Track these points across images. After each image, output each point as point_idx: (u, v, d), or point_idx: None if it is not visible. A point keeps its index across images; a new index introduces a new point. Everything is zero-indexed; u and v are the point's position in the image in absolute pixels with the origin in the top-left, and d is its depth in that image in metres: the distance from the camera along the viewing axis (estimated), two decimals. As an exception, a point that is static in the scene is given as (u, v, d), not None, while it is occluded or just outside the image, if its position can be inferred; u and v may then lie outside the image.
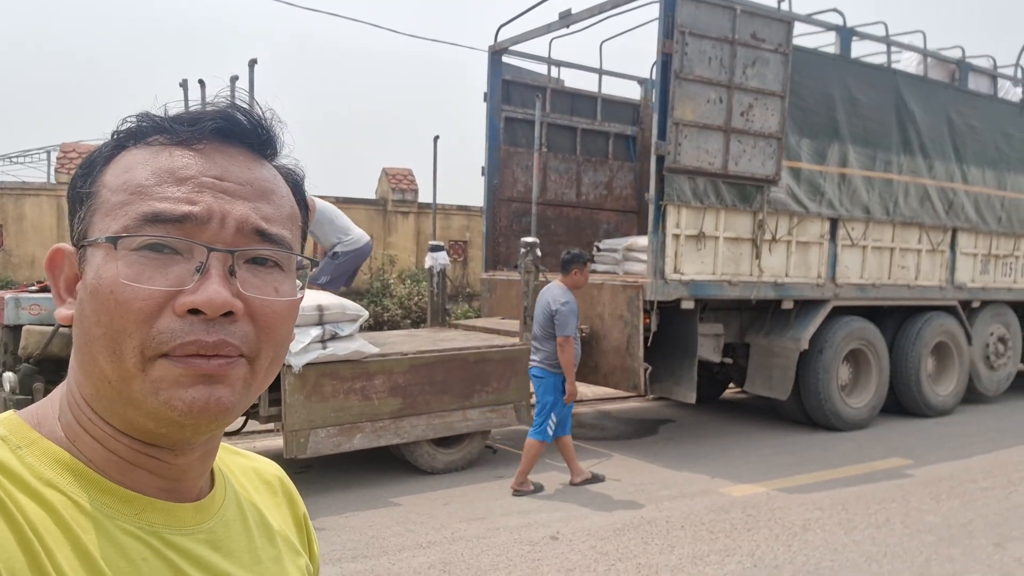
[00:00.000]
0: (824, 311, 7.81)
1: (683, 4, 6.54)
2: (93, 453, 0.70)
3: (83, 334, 0.68)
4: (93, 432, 0.70)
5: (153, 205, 0.67)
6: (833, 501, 5.57)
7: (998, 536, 4.88)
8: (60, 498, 0.66)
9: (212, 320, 0.66)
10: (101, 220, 0.69)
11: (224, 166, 0.71)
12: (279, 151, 0.77)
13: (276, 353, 0.72)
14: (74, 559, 0.63)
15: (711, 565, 4.38)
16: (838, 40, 8.00)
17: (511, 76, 9.01)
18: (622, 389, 7.26)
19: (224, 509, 0.78)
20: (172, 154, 0.70)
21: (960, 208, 8.87)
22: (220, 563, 0.74)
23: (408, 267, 12.75)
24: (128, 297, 0.65)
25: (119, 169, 0.70)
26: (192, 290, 0.66)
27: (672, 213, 6.83)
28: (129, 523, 0.68)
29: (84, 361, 0.69)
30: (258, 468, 0.91)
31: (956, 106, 8.81)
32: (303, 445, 5.45)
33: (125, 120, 0.73)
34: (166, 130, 0.71)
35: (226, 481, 0.82)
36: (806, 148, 7.58)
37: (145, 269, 0.66)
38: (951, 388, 9.00)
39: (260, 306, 0.69)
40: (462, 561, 4.41)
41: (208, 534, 0.74)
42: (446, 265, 8.26)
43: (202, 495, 0.77)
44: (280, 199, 0.74)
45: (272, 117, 0.75)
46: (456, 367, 6.16)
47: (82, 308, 0.69)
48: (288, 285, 0.73)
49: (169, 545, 0.70)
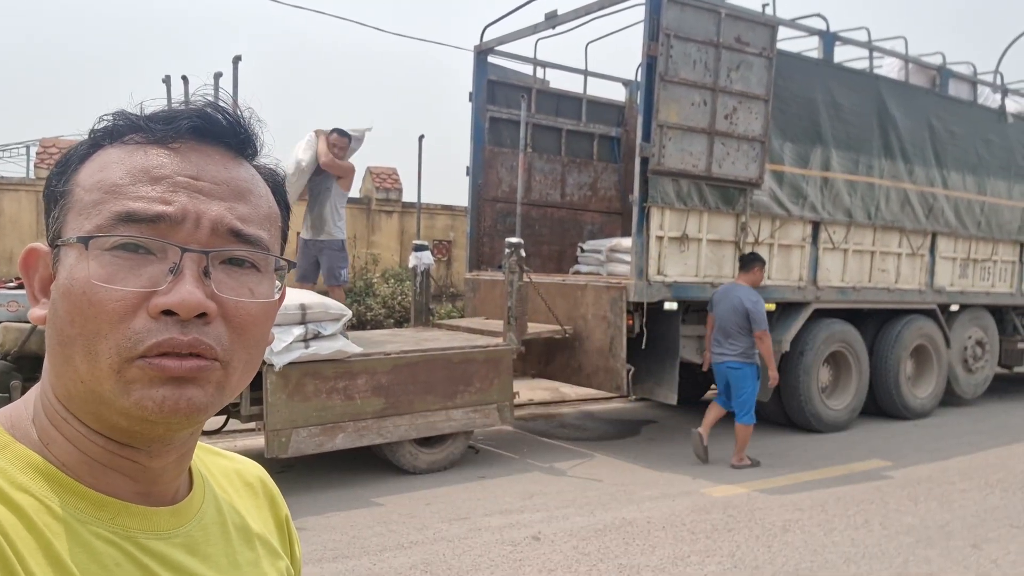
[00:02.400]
0: (805, 313, 7.86)
1: (668, 7, 6.56)
2: (67, 456, 0.69)
3: (57, 335, 0.67)
4: (67, 433, 0.69)
5: (127, 204, 0.66)
6: (813, 502, 5.61)
7: (975, 537, 4.94)
8: (32, 502, 0.65)
9: (186, 321, 0.66)
10: (75, 219, 0.68)
11: (200, 165, 0.70)
12: (259, 151, 0.76)
13: (251, 355, 0.72)
14: (46, 565, 0.62)
15: (692, 566, 4.40)
16: (821, 45, 8.06)
17: (496, 76, 9.00)
18: (605, 390, 7.28)
19: (202, 513, 0.77)
20: (147, 153, 0.69)
21: (940, 213, 8.97)
22: (197, 568, 0.73)
23: (392, 266, 12.71)
24: (101, 298, 0.64)
25: (94, 168, 0.69)
26: (165, 291, 0.65)
27: (656, 215, 6.86)
28: (103, 528, 0.68)
29: (58, 362, 0.68)
30: (240, 469, 0.90)
31: (937, 112, 8.90)
32: (285, 445, 5.42)
33: (101, 119, 0.72)
34: (142, 128, 0.70)
35: (205, 484, 0.81)
36: (789, 152, 7.63)
37: (118, 270, 0.65)
38: (930, 390, 9.09)
39: (234, 308, 0.69)
40: (443, 561, 4.40)
41: (185, 538, 0.74)
42: (430, 265, 8.25)
43: (179, 498, 0.76)
44: (257, 199, 0.73)
45: (251, 116, 0.74)
46: (439, 367, 6.15)
47: (55, 309, 0.68)
48: (265, 287, 0.72)
49: (144, 550, 0.69)
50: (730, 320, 6.45)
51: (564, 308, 7.34)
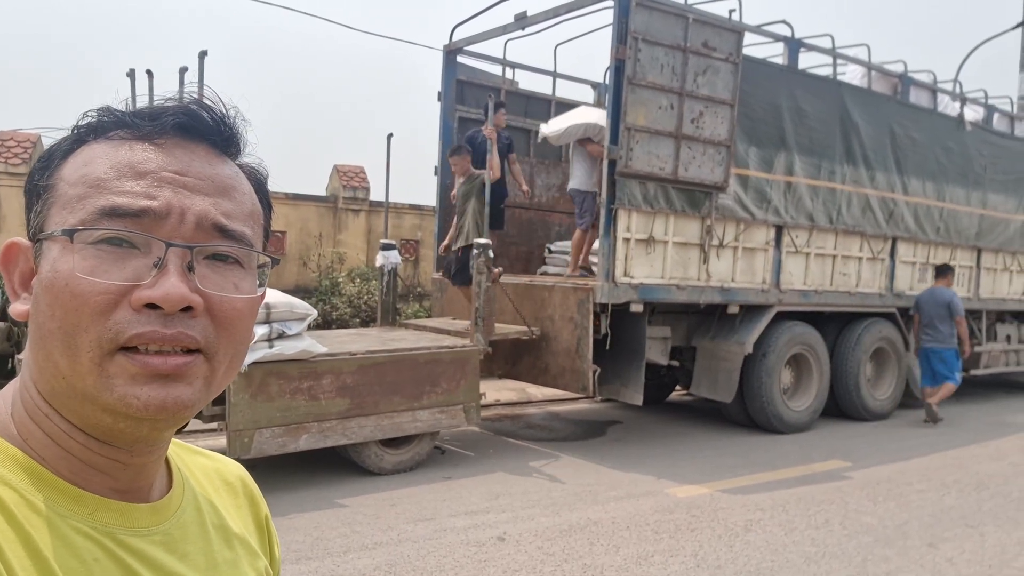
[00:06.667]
0: (768, 316, 7.97)
1: (637, 11, 6.61)
2: (46, 451, 0.69)
3: (38, 329, 0.67)
4: (47, 429, 0.69)
5: (111, 199, 0.66)
6: (774, 502, 5.69)
7: (931, 537, 5.05)
8: (12, 495, 0.65)
9: (170, 315, 0.66)
10: (58, 213, 0.68)
11: (185, 161, 0.70)
12: (242, 149, 0.77)
13: (236, 351, 0.72)
14: (25, 558, 0.62)
15: (655, 565, 4.44)
16: (786, 51, 8.18)
17: (465, 76, 9.00)
18: (571, 390, 7.31)
19: (181, 511, 0.77)
20: (132, 148, 0.69)
21: (900, 218, 9.14)
22: (175, 566, 0.73)
23: (358, 265, 12.62)
24: (84, 290, 0.64)
25: (78, 163, 0.69)
26: (149, 285, 0.65)
27: (623, 217, 6.90)
28: (82, 523, 0.67)
29: (39, 357, 0.68)
30: (220, 469, 0.90)
31: (898, 118, 9.07)
32: (247, 445, 5.36)
33: (85, 114, 0.71)
34: (127, 125, 0.70)
35: (185, 483, 0.81)
36: (754, 156, 7.73)
37: (102, 263, 0.65)
38: (889, 392, 9.27)
39: (219, 302, 0.69)
40: (408, 563, 4.38)
41: (163, 536, 0.73)
42: (397, 264, 8.21)
43: (159, 496, 0.76)
44: (241, 196, 0.74)
45: (236, 115, 0.75)
46: (406, 367, 6.12)
47: (37, 303, 0.67)
48: (248, 282, 0.72)
49: (122, 546, 0.69)
50: (936, 313, 8.85)
51: (531, 309, 7.36)
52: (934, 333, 8.89)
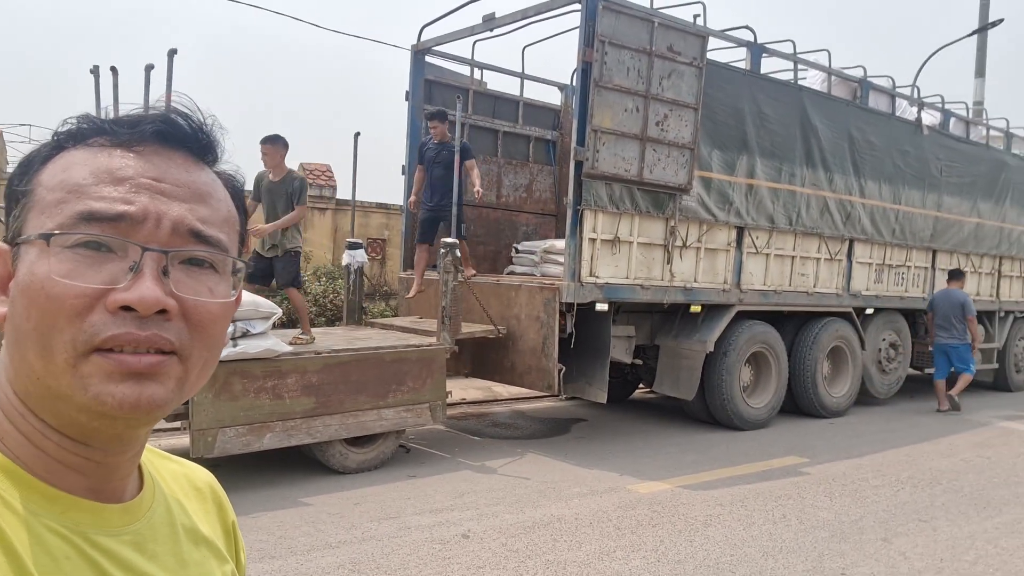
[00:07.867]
0: (729, 315, 8.11)
1: (604, 14, 6.69)
2: (20, 450, 0.70)
3: (14, 331, 0.69)
4: (22, 428, 0.70)
5: (89, 204, 0.68)
6: (733, 498, 5.80)
7: (886, 532, 5.19)
8: None
9: (144, 318, 0.67)
10: (36, 218, 0.69)
11: (163, 168, 0.72)
12: (220, 156, 0.78)
13: (210, 354, 0.74)
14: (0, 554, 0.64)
15: (617, 561, 4.52)
16: (749, 56, 8.31)
17: (433, 76, 9.00)
18: (536, 389, 7.37)
19: (152, 512, 0.79)
20: (111, 155, 0.71)
21: (857, 220, 9.35)
22: (144, 566, 0.74)
23: (324, 264, 12.56)
24: (60, 293, 0.66)
25: (57, 168, 0.71)
26: (125, 288, 0.67)
27: (589, 218, 6.98)
28: (54, 521, 0.69)
29: (15, 358, 0.69)
30: (189, 475, 0.91)
31: (857, 123, 9.27)
32: (211, 444, 5.33)
33: (65, 121, 0.73)
34: (106, 132, 0.72)
35: (155, 485, 0.83)
36: (717, 159, 7.85)
37: (78, 266, 0.67)
38: (845, 390, 9.48)
39: (194, 306, 0.70)
40: (372, 561, 4.41)
41: (134, 536, 0.75)
42: (364, 263, 8.19)
43: (130, 496, 0.78)
44: (217, 202, 0.75)
45: (214, 123, 0.77)
46: (371, 366, 6.13)
47: (14, 305, 0.69)
48: (223, 287, 0.74)
49: (94, 545, 0.71)
50: (950, 312, 9.94)
51: (498, 308, 7.41)
52: (951, 331, 9.97)
